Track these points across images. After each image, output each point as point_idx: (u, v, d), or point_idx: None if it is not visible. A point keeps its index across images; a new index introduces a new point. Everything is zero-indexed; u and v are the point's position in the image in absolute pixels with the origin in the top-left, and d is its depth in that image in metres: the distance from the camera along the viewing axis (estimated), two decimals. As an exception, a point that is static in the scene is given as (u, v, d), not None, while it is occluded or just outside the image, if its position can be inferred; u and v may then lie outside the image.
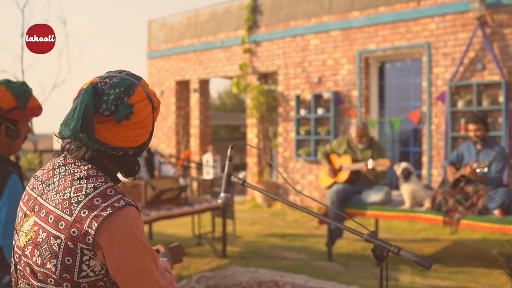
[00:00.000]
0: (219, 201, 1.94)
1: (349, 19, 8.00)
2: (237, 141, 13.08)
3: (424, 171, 7.37)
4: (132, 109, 1.34)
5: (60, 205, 1.33)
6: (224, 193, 1.95)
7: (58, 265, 1.30)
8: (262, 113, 8.97)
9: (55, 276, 1.31)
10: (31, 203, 1.40)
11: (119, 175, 1.53)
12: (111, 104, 1.33)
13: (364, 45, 7.87)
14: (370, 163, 5.18)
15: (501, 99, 6.63)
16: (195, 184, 8.24)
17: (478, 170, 4.66)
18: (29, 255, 1.35)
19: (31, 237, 1.35)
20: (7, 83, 2.15)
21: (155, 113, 1.44)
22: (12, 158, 2.39)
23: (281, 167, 8.92)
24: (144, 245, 1.35)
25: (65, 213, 1.31)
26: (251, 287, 4.54)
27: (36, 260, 1.33)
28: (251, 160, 9.33)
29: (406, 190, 5.10)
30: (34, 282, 1.36)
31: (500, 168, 4.78)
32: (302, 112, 8.47)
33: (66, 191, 1.35)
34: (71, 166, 1.39)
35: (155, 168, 5.81)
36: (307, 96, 8.32)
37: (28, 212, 1.40)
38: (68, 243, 1.29)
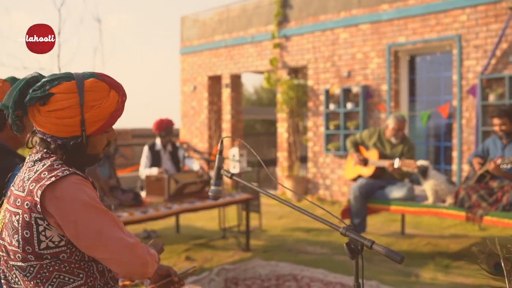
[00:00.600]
0: (210, 193, 2.04)
1: (378, 12, 7.91)
2: (272, 135, 13.11)
3: (454, 166, 7.23)
4: (49, 96, 1.46)
5: (19, 187, 1.50)
6: (215, 186, 2.04)
7: (20, 239, 1.45)
8: (292, 107, 8.99)
9: (20, 251, 1.47)
10: (8, 194, 1.57)
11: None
12: (35, 88, 1.48)
13: (393, 38, 7.76)
14: (397, 163, 5.11)
15: (535, 92, 6.43)
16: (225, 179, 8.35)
17: (503, 166, 4.56)
18: (5, 238, 1.51)
19: (3, 221, 1.52)
20: (12, 80, 2.33)
21: (87, 112, 1.51)
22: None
23: (311, 161, 8.92)
24: (95, 207, 1.49)
25: (20, 191, 1.48)
26: (269, 280, 4.61)
27: (6, 239, 1.50)
28: (282, 155, 9.38)
29: (427, 186, 5.05)
30: (10, 262, 1.53)
31: None
32: (332, 106, 8.45)
33: (24, 174, 1.52)
34: (35, 155, 1.57)
35: (179, 162, 5.95)
36: (336, 90, 8.29)
37: (5, 202, 1.57)
38: (24, 216, 1.45)
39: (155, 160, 5.89)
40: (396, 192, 5.24)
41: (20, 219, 1.45)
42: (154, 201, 5.30)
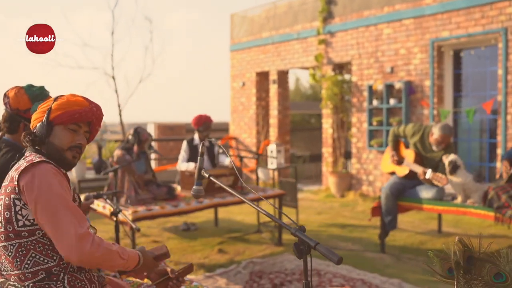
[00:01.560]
0: (192, 192, 2.27)
1: (422, 6, 7.77)
2: (317, 130, 13.11)
3: (499, 164, 7.02)
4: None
5: (6, 178, 1.84)
6: (197, 186, 2.27)
7: (2, 220, 1.77)
8: (336, 103, 9.03)
9: (3, 230, 1.77)
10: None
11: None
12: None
13: (436, 33, 7.61)
14: (429, 174, 5.04)
15: None
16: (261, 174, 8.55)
17: None
18: None
19: None
20: (28, 87, 2.65)
21: (55, 101, 1.95)
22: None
23: (354, 157, 8.93)
24: (59, 194, 1.78)
25: (6, 181, 1.82)
26: (293, 275, 4.77)
27: None
28: (326, 151, 9.44)
29: (454, 183, 4.99)
30: None
31: None
32: (375, 102, 8.41)
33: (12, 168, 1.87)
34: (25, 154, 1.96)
35: (215, 157, 6.21)
36: (379, 86, 8.25)
37: None
38: (5, 199, 1.77)
39: (194, 155, 6.17)
40: (426, 192, 5.21)
41: (3, 202, 1.77)
42: (188, 195, 5.59)
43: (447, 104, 7.85)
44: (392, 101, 8.12)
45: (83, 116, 1.94)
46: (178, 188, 5.99)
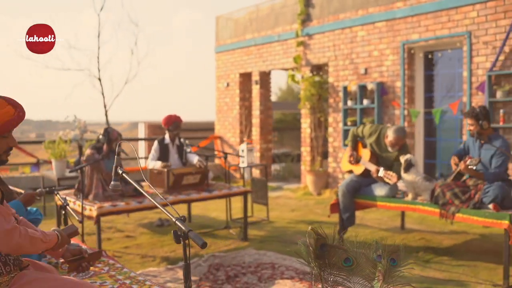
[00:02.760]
0: (110, 187, 2.58)
1: (393, 9, 8.00)
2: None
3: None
4: None
5: None
6: (114, 181, 2.58)
7: None
8: (313, 104, 9.27)
9: None
10: None
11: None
12: None
13: (407, 36, 7.84)
14: (381, 172, 5.30)
15: (542, 89, 6.35)
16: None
17: (471, 166, 4.70)
18: None
19: None
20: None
21: None
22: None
23: (331, 156, 9.17)
24: None
25: None
26: (249, 268, 5.02)
27: None
28: (305, 150, 9.68)
29: (406, 181, 5.23)
30: None
31: (499, 163, 4.74)
32: (349, 103, 8.65)
33: None
34: None
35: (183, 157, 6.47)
36: (353, 87, 8.48)
37: None
38: None
39: (164, 154, 6.43)
40: (380, 190, 5.46)
41: None
42: (155, 192, 5.85)
43: (418, 105, 8.07)
44: (365, 102, 8.36)
45: (13, 125, 2.20)
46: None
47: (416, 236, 6.20)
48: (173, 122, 6.41)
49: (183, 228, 2.02)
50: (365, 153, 5.67)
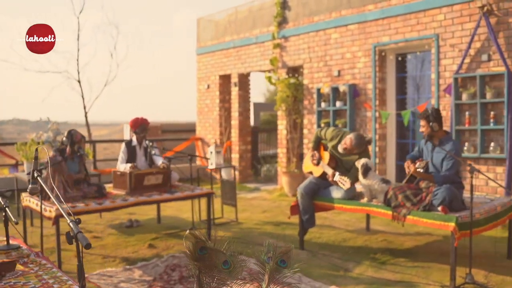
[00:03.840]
0: (28, 190, 2.64)
1: (365, 12, 8.05)
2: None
3: (432, 165, 7.29)
4: None
5: None
6: (32, 185, 2.65)
7: None
8: (288, 105, 9.32)
9: None
10: None
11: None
12: None
13: (378, 38, 7.89)
14: (336, 177, 5.37)
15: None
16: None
17: (419, 169, 4.78)
18: None
19: None
20: None
21: None
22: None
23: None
24: None
25: None
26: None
27: None
28: (281, 151, 9.74)
29: (363, 184, 5.29)
30: None
31: (449, 167, 4.80)
32: (323, 104, 8.70)
33: None
34: None
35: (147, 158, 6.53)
36: (326, 89, 8.54)
37: None
38: None
39: (131, 156, 6.50)
40: (336, 192, 5.52)
41: None
42: (118, 193, 5.92)
43: (390, 107, 8.12)
44: (338, 104, 8.41)
45: None
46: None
47: (379, 237, 6.26)
48: (139, 125, 6.48)
49: (74, 229, 2.09)
50: (325, 156, 5.74)
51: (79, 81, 11.22)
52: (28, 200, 5.75)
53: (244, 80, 10.79)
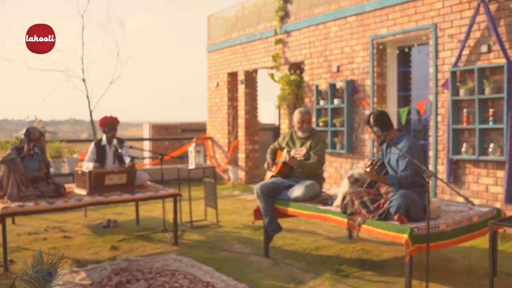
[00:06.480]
0: None
1: (363, 3, 7.48)
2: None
3: (430, 167, 6.64)
4: None
5: None
6: None
7: None
8: (289, 103, 8.86)
9: None
10: None
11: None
12: None
13: (376, 31, 7.31)
14: (292, 152, 5.05)
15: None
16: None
17: (366, 169, 4.33)
18: None
19: None
20: None
21: None
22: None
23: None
24: None
25: None
26: (149, 274, 4.78)
27: None
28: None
29: (340, 191, 4.80)
30: None
31: (404, 166, 4.26)
32: (321, 102, 8.19)
33: None
34: None
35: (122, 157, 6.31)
36: (323, 85, 8.02)
37: None
38: None
39: (101, 155, 6.31)
40: (296, 191, 5.05)
41: None
42: (79, 193, 5.74)
43: (391, 104, 7.50)
44: (336, 101, 7.88)
45: None
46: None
47: (358, 246, 5.72)
48: (108, 123, 6.28)
49: None
50: (280, 154, 5.39)
51: (83, 80, 11.24)
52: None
53: (250, 77, 10.40)
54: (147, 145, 13.77)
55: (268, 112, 15.93)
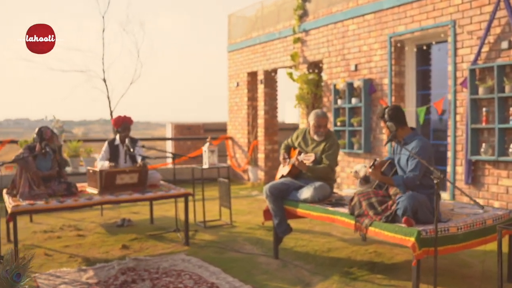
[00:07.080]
0: None
1: (381, 0, 7.32)
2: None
3: (449, 168, 6.44)
4: None
5: None
6: None
7: None
8: (307, 102, 8.74)
9: None
10: None
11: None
12: None
13: (394, 28, 7.14)
14: (301, 156, 4.96)
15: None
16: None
17: (370, 170, 4.20)
18: None
19: None
20: None
21: None
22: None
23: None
24: None
25: None
26: (156, 274, 4.77)
27: None
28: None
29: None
30: None
31: (413, 167, 4.12)
32: (339, 101, 8.05)
33: None
34: None
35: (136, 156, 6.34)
36: (341, 85, 7.88)
37: None
38: None
39: (114, 155, 6.35)
40: (304, 192, 4.96)
41: None
42: (91, 192, 5.78)
43: (409, 103, 7.32)
44: (354, 100, 7.73)
45: None
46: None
47: (371, 248, 5.57)
48: (121, 123, 6.31)
49: None
50: (294, 153, 5.27)
51: (104, 80, 11.37)
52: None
53: (270, 77, 10.32)
54: (169, 145, 13.86)
55: (293, 112, 15.82)
